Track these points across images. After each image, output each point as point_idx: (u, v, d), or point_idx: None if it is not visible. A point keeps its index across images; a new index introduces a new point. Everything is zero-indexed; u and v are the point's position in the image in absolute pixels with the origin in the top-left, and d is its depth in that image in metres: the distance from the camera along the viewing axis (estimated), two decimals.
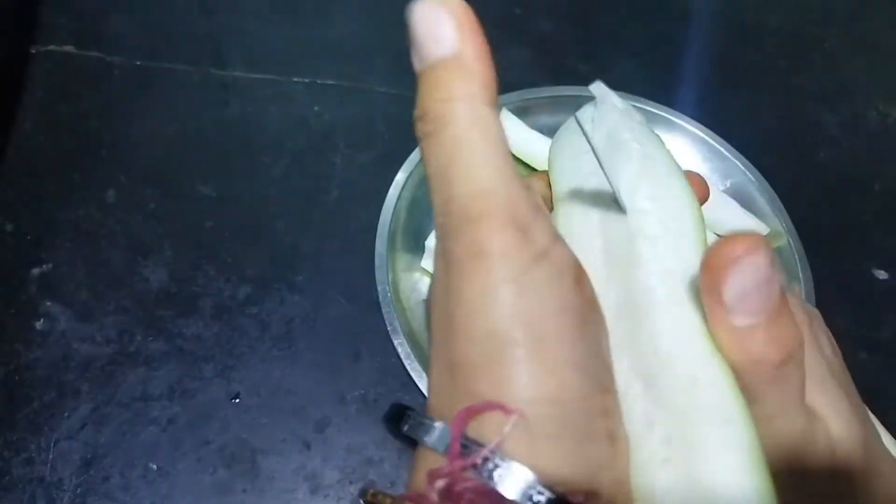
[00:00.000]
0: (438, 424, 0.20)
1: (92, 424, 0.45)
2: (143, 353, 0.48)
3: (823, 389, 0.24)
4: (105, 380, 0.46)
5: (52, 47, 0.61)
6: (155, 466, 0.44)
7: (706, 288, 0.21)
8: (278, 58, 0.62)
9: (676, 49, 0.68)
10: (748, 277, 0.20)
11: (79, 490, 0.43)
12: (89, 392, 0.46)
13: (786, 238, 0.53)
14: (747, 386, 0.21)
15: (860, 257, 0.56)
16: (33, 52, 0.61)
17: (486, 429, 0.19)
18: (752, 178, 0.56)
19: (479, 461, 0.19)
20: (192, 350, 0.48)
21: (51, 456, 0.44)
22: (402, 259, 0.51)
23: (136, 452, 0.44)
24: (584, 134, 0.28)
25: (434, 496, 0.19)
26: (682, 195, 0.26)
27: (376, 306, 0.48)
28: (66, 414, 0.45)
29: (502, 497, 0.19)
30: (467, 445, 0.19)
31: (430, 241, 0.50)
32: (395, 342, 0.47)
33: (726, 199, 0.55)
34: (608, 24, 0.68)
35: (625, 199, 0.26)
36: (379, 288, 0.48)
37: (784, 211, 0.54)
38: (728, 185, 0.57)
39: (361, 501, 0.27)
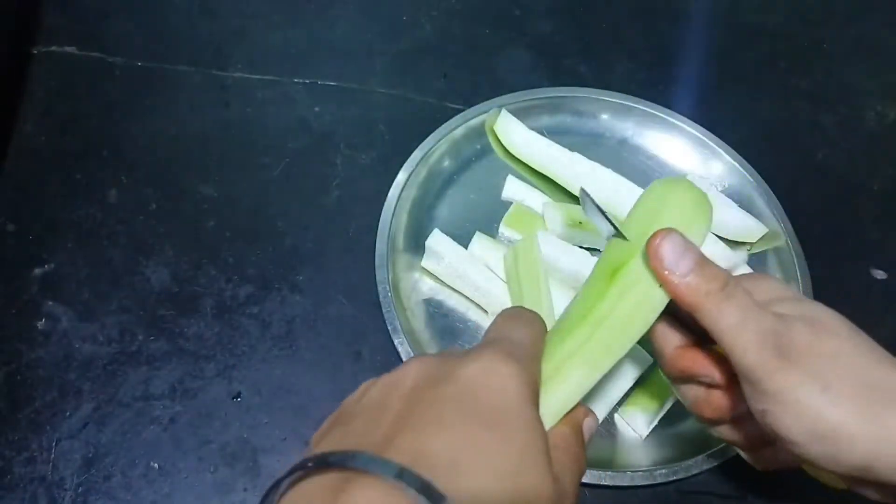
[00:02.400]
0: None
1: (93, 424, 0.45)
2: (145, 353, 0.48)
3: (787, 303, 0.34)
4: (106, 379, 0.47)
5: (53, 48, 0.61)
6: (156, 465, 0.44)
7: (653, 264, 0.33)
8: (279, 59, 0.63)
9: (676, 50, 0.68)
10: (672, 248, 0.33)
11: (80, 489, 0.43)
12: (91, 391, 0.46)
13: (784, 238, 0.53)
14: (712, 310, 0.32)
15: (858, 257, 0.56)
16: (35, 52, 0.61)
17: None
18: (751, 179, 0.56)
19: None
20: (193, 349, 0.48)
21: (52, 455, 0.44)
22: (403, 259, 0.51)
23: (137, 451, 0.44)
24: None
25: None
26: None
27: (376, 306, 0.48)
28: (68, 413, 0.45)
29: None
30: None
31: (431, 241, 0.50)
32: (396, 341, 0.47)
33: (725, 200, 0.55)
34: (608, 24, 0.69)
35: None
36: (379, 288, 0.49)
37: (782, 211, 0.55)
38: (727, 185, 0.57)
39: None
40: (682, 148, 0.58)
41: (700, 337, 0.36)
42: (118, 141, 0.57)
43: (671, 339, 0.36)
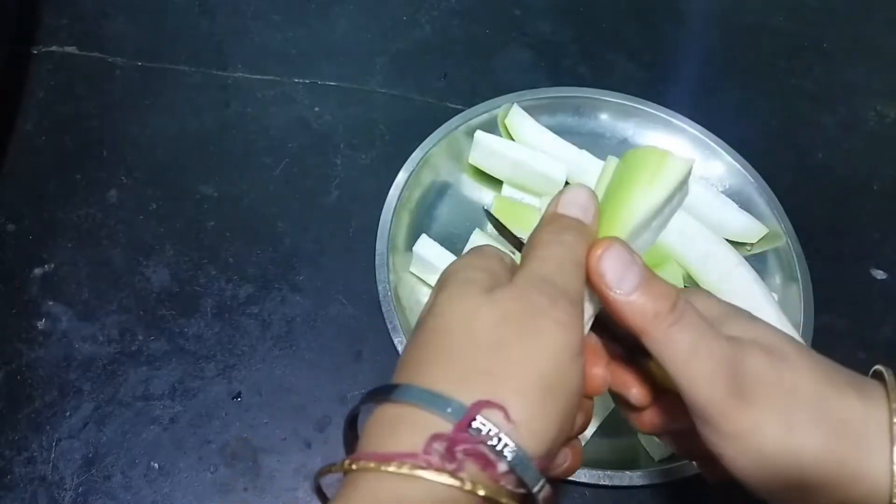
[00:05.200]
0: (454, 401, 0.25)
1: (93, 423, 0.45)
2: (145, 353, 0.48)
3: (734, 322, 0.31)
4: (107, 379, 0.47)
5: (53, 48, 0.61)
6: (156, 465, 0.44)
7: (594, 282, 0.29)
8: (279, 59, 0.63)
9: (675, 50, 0.68)
10: (615, 262, 0.29)
11: (80, 489, 0.43)
12: (91, 391, 0.46)
13: (784, 238, 0.53)
14: (660, 337, 0.29)
15: (858, 257, 0.56)
16: (35, 52, 0.61)
17: (490, 416, 0.25)
18: (751, 179, 0.56)
19: (481, 435, 0.25)
20: (193, 349, 0.48)
21: (52, 455, 0.44)
22: (403, 259, 0.51)
23: (137, 451, 0.44)
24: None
25: (435, 455, 0.24)
26: None
27: (377, 306, 0.48)
28: (68, 413, 0.45)
29: (489, 459, 0.25)
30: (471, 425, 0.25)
31: (418, 247, 0.50)
32: (396, 341, 0.47)
33: (725, 200, 0.55)
34: (608, 24, 0.69)
35: None
36: (379, 287, 0.49)
37: (783, 211, 0.55)
38: (727, 185, 0.57)
39: (315, 482, 0.29)
40: (682, 148, 0.58)
41: (627, 350, 0.33)
42: (118, 141, 0.57)
43: (594, 357, 0.33)
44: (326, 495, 0.29)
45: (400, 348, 0.47)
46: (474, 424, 0.25)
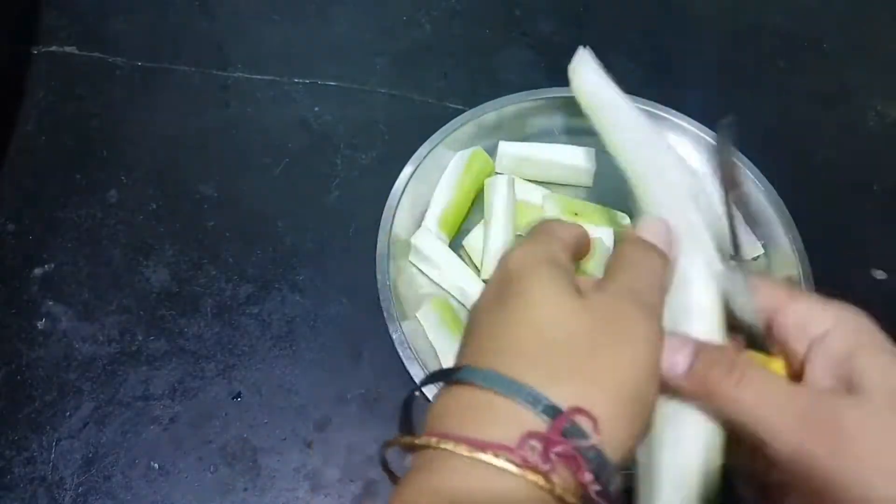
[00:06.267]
0: (546, 399, 0.25)
1: (93, 424, 0.45)
2: (145, 353, 0.48)
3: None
4: (106, 379, 0.47)
5: (53, 48, 0.61)
6: (156, 465, 0.44)
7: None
8: (279, 59, 0.63)
9: (676, 50, 0.68)
10: (667, 351, 0.30)
11: (80, 489, 0.43)
12: (91, 391, 0.46)
13: (798, 270, 0.51)
14: (728, 401, 0.28)
15: (859, 257, 0.56)
16: (35, 52, 0.61)
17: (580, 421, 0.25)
18: (753, 179, 0.56)
19: (574, 440, 0.25)
20: (193, 349, 0.48)
21: (52, 455, 0.44)
22: (403, 259, 0.51)
23: (137, 451, 0.44)
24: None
25: (532, 453, 0.24)
26: None
27: (376, 306, 0.48)
28: (68, 413, 0.45)
29: (580, 464, 0.24)
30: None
31: (416, 238, 0.51)
32: (396, 341, 0.47)
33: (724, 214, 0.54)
34: (608, 24, 0.69)
35: None
36: (379, 288, 0.49)
37: (786, 211, 0.54)
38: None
39: (382, 454, 0.28)
40: (683, 147, 0.58)
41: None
42: (118, 141, 0.57)
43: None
44: (392, 470, 0.28)
45: (400, 349, 0.46)
46: (568, 427, 0.25)
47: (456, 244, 0.53)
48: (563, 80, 0.63)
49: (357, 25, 0.66)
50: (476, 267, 0.51)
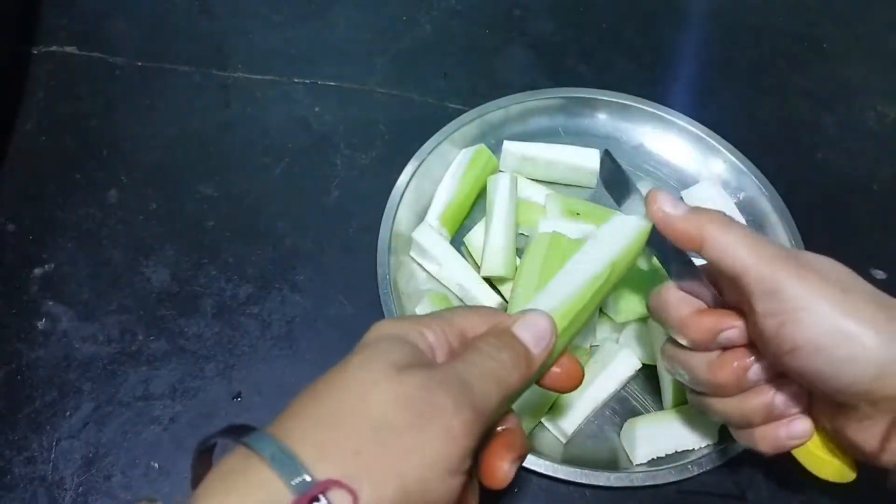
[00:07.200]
0: (304, 472, 0.24)
1: (93, 423, 0.45)
2: (145, 353, 0.48)
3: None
4: (107, 379, 0.47)
5: (53, 48, 0.61)
6: (157, 465, 0.44)
7: (652, 209, 0.36)
8: (279, 59, 0.63)
9: (676, 50, 0.68)
10: (666, 197, 0.36)
11: (80, 489, 0.43)
12: (91, 391, 0.46)
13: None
14: (718, 237, 0.34)
15: (858, 257, 0.55)
16: (35, 52, 0.61)
17: (336, 498, 0.24)
18: (754, 179, 0.56)
19: None
20: (193, 349, 0.48)
21: (52, 455, 0.44)
22: (403, 259, 0.51)
23: (137, 451, 0.44)
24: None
25: None
26: None
27: (376, 306, 0.48)
28: (68, 413, 0.45)
29: None
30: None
31: (417, 233, 0.51)
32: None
33: (732, 213, 0.55)
34: (608, 24, 0.69)
35: None
36: (380, 287, 0.49)
37: (787, 211, 0.54)
38: (729, 185, 0.57)
39: None
40: (683, 147, 0.59)
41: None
42: (118, 141, 0.57)
43: (687, 306, 0.37)
44: None
45: None
46: None
47: (457, 241, 0.53)
48: (563, 80, 0.63)
49: (357, 25, 0.66)
50: (476, 264, 0.51)
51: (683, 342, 0.38)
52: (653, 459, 0.45)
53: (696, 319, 0.37)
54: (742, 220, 0.55)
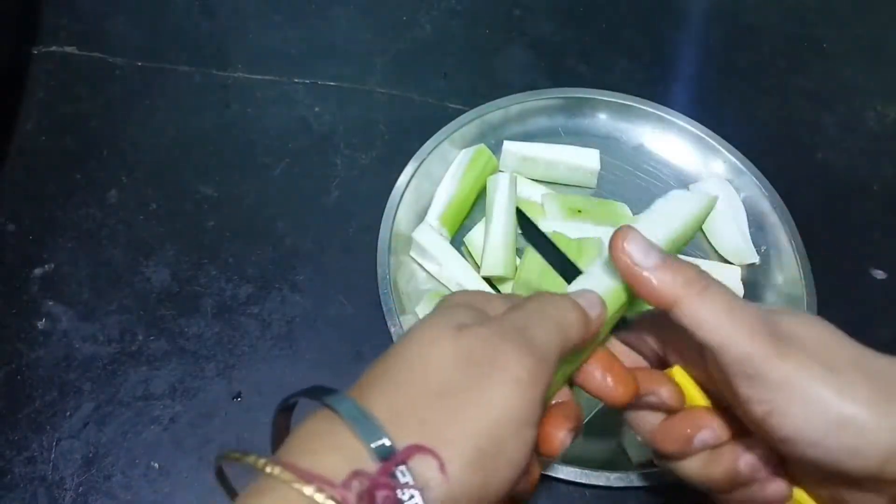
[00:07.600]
0: (386, 440, 0.24)
1: (94, 423, 0.45)
2: (145, 353, 0.48)
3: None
4: (107, 379, 0.47)
5: (53, 48, 0.61)
6: (157, 465, 0.44)
7: (621, 267, 0.31)
8: (279, 59, 0.63)
9: (675, 50, 0.68)
10: (637, 244, 0.31)
11: (80, 489, 0.43)
12: (91, 391, 0.46)
13: (804, 300, 0.51)
14: (694, 302, 0.30)
15: (859, 257, 0.56)
16: (35, 52, 0.61)
17: (417, 464, 0.24)
18: (754, 179, 0.56)
19: (400, 483, 0.23)
20: (193, 349, 0.48)
21: (53, 455, 0.44)
22: (403, 259, 0.51)
23: (137, 451, 0.44)
24: None
25: (353, 493, 0.23)
26: None
27: (376, 306, 0.48)
28: (68, 413, 0.45)
29: None
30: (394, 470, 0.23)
31: (417, 233, 0.51)
32: (391, 329, 0.47)
33: (733, 216, 0.55)
34: (608, 24, 0.69)
35: None
36: (380, 287, 0.49)
37: (787, 211, 0.54)
38: (743, 197, 0.57)
39: (217, 464, 0.28)
40: (683, 147, 0.58)
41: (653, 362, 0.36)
42: (118, 141, 0.57)
43: (624, 360, 0.34)
44: (229, 482, 0.28)
45: (396, 335, 0.46)
46: (400, 470, 0.23)
47: (457, 241, 0.53)
48: (563, 80, 0.63)
49: (357, 25, 0.66)
50: (476, 264, 0.51)
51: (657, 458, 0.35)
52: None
53: (666, 427, 0.34)
54: (734, 225, 0.55)
